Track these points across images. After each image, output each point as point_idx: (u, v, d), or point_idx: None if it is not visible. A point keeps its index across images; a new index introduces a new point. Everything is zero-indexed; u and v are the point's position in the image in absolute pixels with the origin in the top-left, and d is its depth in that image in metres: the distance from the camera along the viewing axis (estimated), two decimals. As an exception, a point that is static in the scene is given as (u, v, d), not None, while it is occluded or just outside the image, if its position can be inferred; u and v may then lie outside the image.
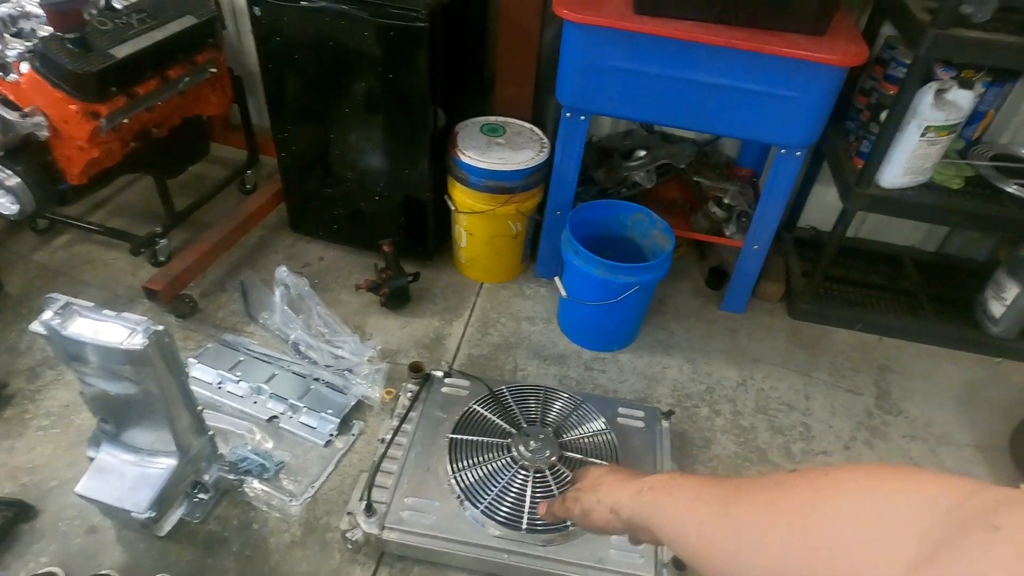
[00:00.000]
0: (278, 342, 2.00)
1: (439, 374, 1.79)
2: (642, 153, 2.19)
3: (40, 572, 1.39)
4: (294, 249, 2.36)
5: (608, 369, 2.04)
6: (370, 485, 1.47)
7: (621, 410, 1.77)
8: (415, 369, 1.75)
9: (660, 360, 2.09)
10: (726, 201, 2.11)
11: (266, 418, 1.78)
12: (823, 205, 2.60)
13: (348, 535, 1.45)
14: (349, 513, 1.47)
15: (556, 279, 2.05)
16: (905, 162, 1.92)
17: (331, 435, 1.76)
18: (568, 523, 1.41)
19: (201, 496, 1.55)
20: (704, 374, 2.06)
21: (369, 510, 1.45)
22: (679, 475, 0.64)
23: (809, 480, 0.47)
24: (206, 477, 1.51)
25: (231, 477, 1.56)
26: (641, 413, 1.76)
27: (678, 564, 1.40)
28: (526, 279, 2.35)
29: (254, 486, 1.62)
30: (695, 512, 0.54)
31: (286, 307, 2.00)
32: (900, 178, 1.97)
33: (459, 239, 2.22)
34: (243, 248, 2.31)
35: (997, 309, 2.20)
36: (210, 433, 1.47)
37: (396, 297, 2.11)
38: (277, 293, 2.01)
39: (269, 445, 1.72)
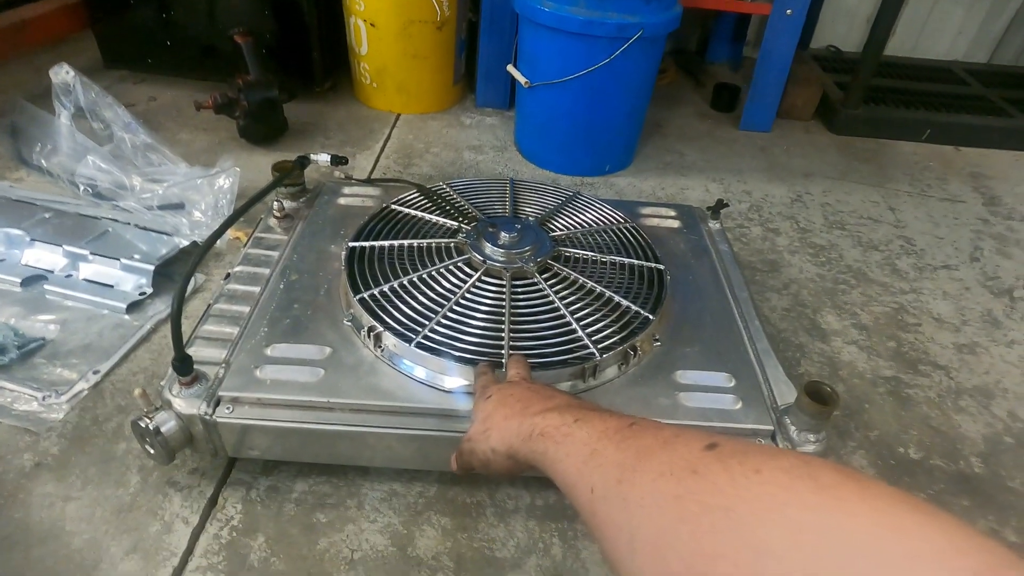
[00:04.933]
0: (64, 187, 1.20)
1: (334, 172, 1.04)
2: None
3: None
4: (112, 93, 1.56)
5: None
6: (175, 318, 0.69)
7: (643, 210, 1.07)
8: (280, 169, 0.99)
9: (674, 181, 1.41)
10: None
11: (20, 279, 0.98)
12: (842, 15, 2.04)
13: (142, 423, 0.67)
14: (141, 391, 0.69)
15: (510, 67, 1.35)
16: None
17: (141, 293, 0.98)
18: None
19: None
20: (741, 192, 1.40)
21: (184, 369, 0.69)
22: (577, 409, 0.49)
23: (733, 479, 0.32)
24: None
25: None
26: (673, 212, 1.07)
27: (813, 395, 0.69)
28: (463, 109, 1.63)
29: (-29, 381, 0.83)
30: (586, 478, 0.41)
31: (77, 133, 1.22)
32: None
33: (358, 42, 1.49)
34: (23, 89, 1.50)
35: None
36: None
37: (261, 119, 1.35)
38: (61, 112, 1.22)
39: (26, 321, 0.93)
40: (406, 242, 0.87)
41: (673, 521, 0.33)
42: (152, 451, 0.69)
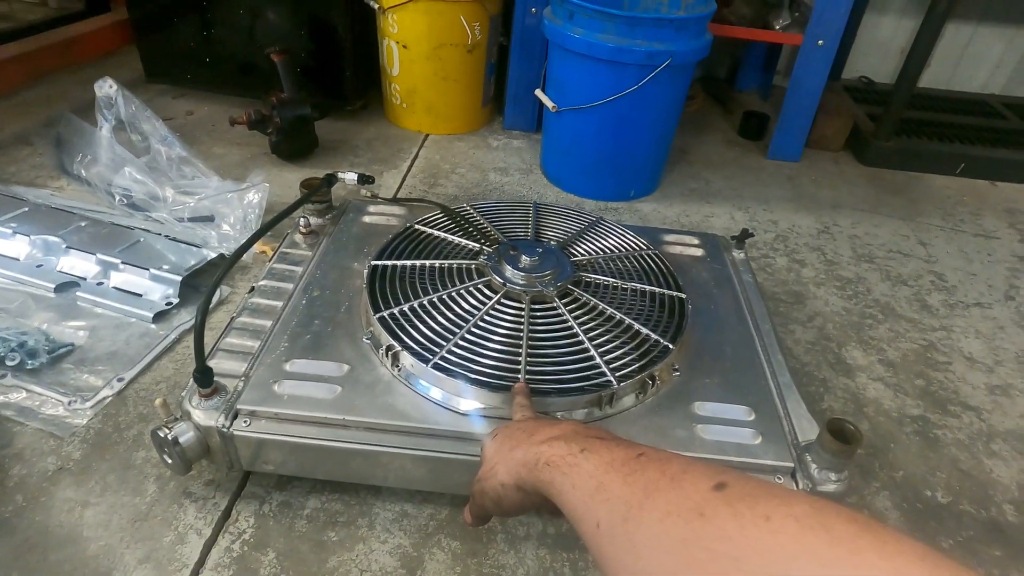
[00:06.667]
0: (101, 196, 1.24)
1: (360, 190, 1.05)
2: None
3: None
4: (152, 106, 1.61)
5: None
6: (199, 330, 0.70)
7: (666, 237, 1.06)
8: (308, 186, 1.01)
9: (699, 208, 1.41)
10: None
11: (54, 285, 1.01)
12: (875, 46, 2.02)
13: (161, 433, 0.69)
14: (162, 401, 0.70)
15: (538, 91, 1.36)
16: None
17: (168, 303, 1.00)
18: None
19: None
20: (767, 222, 1.38)
21: (204, 381, 0.70)
22: (584, 438, 0.47)
23: (742, 526, 0.31)
24: None
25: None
26: (696, 240, 1.06)
27: (835, 433, 0.67)
28: (491, 131, 1.65)
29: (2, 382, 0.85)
30: (592, 511, 0.40)
31: (116, 144, 1.26)
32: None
33: (390, 63, 1.52)
34: (69, 102, 1.56)
35: None
36: None
37: (293, 136, 1.38)
38: (103, 125, 1.26)
39: (57, 326, 0.95)
40: (428, 262, 0.88)
41: (680, 566, 0.32)
42: (170, 461, 0.70)
